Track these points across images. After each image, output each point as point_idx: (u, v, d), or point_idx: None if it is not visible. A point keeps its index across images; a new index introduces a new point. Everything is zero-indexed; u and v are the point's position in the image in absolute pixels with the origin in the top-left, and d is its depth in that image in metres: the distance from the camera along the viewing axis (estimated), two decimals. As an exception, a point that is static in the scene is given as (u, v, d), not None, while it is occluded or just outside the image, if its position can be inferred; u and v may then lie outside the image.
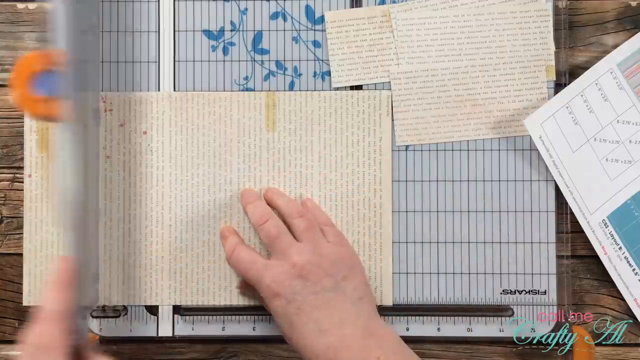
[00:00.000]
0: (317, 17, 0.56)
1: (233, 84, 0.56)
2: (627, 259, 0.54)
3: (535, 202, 0.56)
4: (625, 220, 0.54)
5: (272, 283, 0.50)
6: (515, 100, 0.56)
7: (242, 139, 0.56)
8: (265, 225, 0.52)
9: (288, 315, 0.49)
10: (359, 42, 0.56)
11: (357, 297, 0.51)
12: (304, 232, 0.52)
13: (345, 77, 0.56)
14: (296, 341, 0.49)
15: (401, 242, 0.56)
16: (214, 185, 0.56)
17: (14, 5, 0.57)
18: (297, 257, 0.50)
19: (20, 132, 0.56)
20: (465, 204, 0.56)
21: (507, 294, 0.55)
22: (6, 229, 0.57)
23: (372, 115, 0.56)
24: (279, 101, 0.56)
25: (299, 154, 0.56)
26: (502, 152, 0.56)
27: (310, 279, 0.50)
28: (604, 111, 0.54)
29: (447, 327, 0.56)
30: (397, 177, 0.56)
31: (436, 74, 0.56)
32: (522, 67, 0.56)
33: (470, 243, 0.56)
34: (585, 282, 0.56)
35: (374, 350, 0.47)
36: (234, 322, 0.56)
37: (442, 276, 0.56)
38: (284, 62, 0.56)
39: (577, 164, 0.55)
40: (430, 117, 0.56)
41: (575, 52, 0.57)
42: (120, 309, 0.55)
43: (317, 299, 0.49)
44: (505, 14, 0.56)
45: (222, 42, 0.56)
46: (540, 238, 0.56)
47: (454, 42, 0.56)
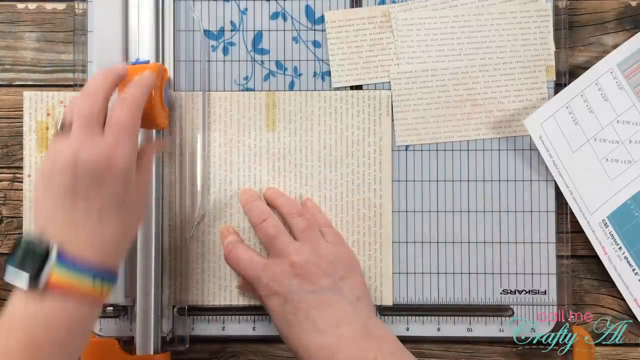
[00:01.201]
0: (317, 17, 0.56)
1: (233, 84, 0.56)
2: (627, 259, 0.54)
3: (535, 202, 0.56)
4: (625, 220, 0.54)
5: (270, 282, 0.50)
6: (515, 100, 0.56)
7: (242, 139, 0.56)
8: (263, 224, 0.52)
9: (285, 314, 0.49)
10: (359, 42, 0.56)
11: (355, 297, 0.51)
12: (303, 232, 0.52)
13: (345, 77, 0.56)
14: (293, 340, 0.49)
15: (401, 242, 0.56)
16: (214, 185, 0.56)
17: (14, 5, 0.57)
18: (295, 257, 0.50)
19: (20, 132, 0.56)
20: (465, 204, 0.56)
21: (507, 294, 0.55)
22: (6, 229, 0.57)
23: (372, 115, 0.56)
24: (279, 101, 0.56)
25: (299, 154, 0.56)
26: (502, 152, 0.56)
27: (308, 278, 0.50)
28: (604, 111, 0.54)
29: (447, 327, 0.56)
30: (397, 177, 0.56)
31: (436, 74, 0.56)
32: (522, 67, 0.56)
33: (470, 243, 0.56)
34: (585, 282, 0.56)
35: (371, 351, 0.47)
36: (234, 322, 0.56)
37: (442, 276, 0.56)
38: (284, 62, 0.56)
39: (577, 164, 0.55)
40: (430, 117, 0.56)
41: (575, 52, 0.57)
42: (120, 309, 0.55)
43: (315, 298, 0.49)
44: (505, 14, 0.56)
45: (222, 42, 0.56)
46: (540, 238, 0.56)
47: (454, 42, 0.56)
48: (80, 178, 0.42)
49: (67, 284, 0.41)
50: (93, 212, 0.43)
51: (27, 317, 0.41)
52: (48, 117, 0.55)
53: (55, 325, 0.41)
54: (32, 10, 0.57)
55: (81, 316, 0.43)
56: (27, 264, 0.41)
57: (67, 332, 0.42)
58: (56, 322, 0.41)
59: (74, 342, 0.43)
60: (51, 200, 0.43)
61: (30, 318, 0.41)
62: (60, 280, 0.41)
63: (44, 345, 0.41)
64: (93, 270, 0.43)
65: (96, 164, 0.42)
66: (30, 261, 0.41)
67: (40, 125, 0.56)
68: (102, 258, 0.43)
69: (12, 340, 0.40)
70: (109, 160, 0.43)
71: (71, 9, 0.57)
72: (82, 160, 0.42)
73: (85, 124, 0.43)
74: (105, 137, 0.44)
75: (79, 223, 0.43)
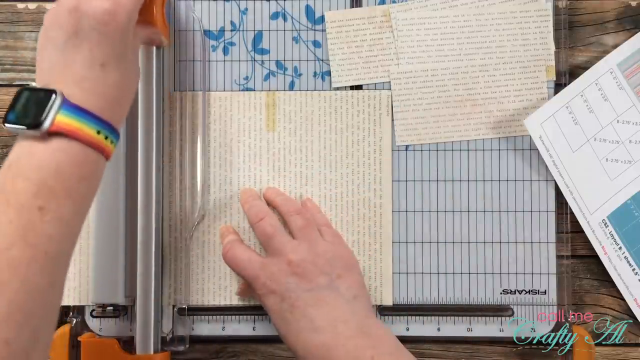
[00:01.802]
0: (317, 17, 0.56)
1: (233, 84, 0.56)
2: (627, 259, 0.54)
3: (535, 202, 0.56)
4: (625, 220, 0.54)
5: (268, 281, 0.50)
6: (515, 100, 0.56)
7: (242, 139, 0.56)
8: (261, 223, 0.52)
9: (282, 312, 0.49)
10: (359, 42, 0.56)
11: (352, 295, 0.51)
12: (301, 230, 0.52)
13: (345, 77, 0.56)
14: (290, 339, 0.49)
15: (401, 242, 0.56)
16: (214, 185, 0.56)
17: (14, 5, 0.57)
18: (292, 255, 0.50)
19: (20, 132, 0.56)
20: (465, 204, 0.56)
21: (507, 294, 0.55)
22: (6, 229, 0.57)
23: (372, 115, 0.56)
24: (279, 101, 0.56)
25: (299, 154, 0.56)
26: (502, 152, 0.56)
27: (305, 276, 0.50)
28: (604, 111, 0.54)
29: (447, 327, 0.56)
30: (397, 177, 0.56)
31: (436, 74, 0.56)
32: (522, 67, 0.56)
33: (470, 243, 0.56)
34: (585, 282, 0.56)
35: (368, 350, 0.47)
36: (234, 322, 0.56)
37: (442, 276, 0.56)
38: (284, 62, 0.56)
39: (577, 164, 0.55)
40: (430, 117, 0.56)
41: (575, 52, 0.57)
42: (120, 309, 0.55)
43: (312, 296, 0.49)
44: (505, 14, 0.56)
45: (222, 42, 0.56)
46: (540, 238, 0.56)
47: (454, 42, 0.56)
48: (84, 29, 0.42)
49: (73, 126, 0.40)
50: (96, 63, 0.42)
51: (34, 161, 0.40)
52: (48, 117, 0.55)
53: (64, 170, 0.40)
54: (32, 10, 0.57)
55: (89, 164, 0.41)
56: (30, 110, 0.40)
57: (77, 180, 0.40)
58: (65, 168, 0.40)
59: (83, 192, 0.41)
60: (54, 51, 0.42)
61: (38, 162, 0.39)
62: (66, 122, 0.40)
63: (55, 190, 0.39)
64: (97, 120, 0.41)
65: (101, 15, 0.42)
66: (34, 107, 0.40)
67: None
68: (106, 110, 0.42)
69: (20, 183, 0.39)
70: (113, 12, 0.42)
71: (71, 9, 0.57)
72: (86, 11, 0.42)
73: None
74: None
75: (83, 73, 0.42)
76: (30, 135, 0.40)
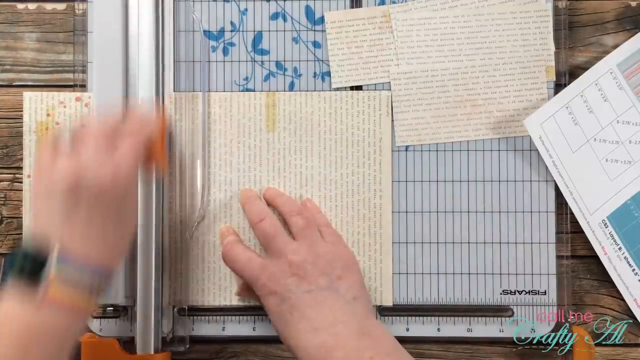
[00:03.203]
0: (317, 17, 0.56)
1: (233, 84, 0.56)
2: (627, 259, 0.54)
3: (535, 202, 0.56)
4: (625, 220, 0.54)
5: (268, 282, 0.50)
6: (515, 101, 0.56)
7: (242, 139, 0.56)
8: (261, 223, 0.52)
9: (282, 313, 0.49)
10: (359, 43, 0.56)
11: (352, 296, 0.51)
12: (302, 230, 0.52)
13: (345, 77, 0.56)
14: (290, 339, 0.49)
15: (401, 242, 0.56)
16: (214, 185, 0.56)
17: (14, 5, 0.57)
18: (292, 256, 0.50)
19: (19, 133, 0.56)
20: (465, 204, 0.56)
21: (507, 294, 0.56)
22: (6, 229, 0.57)
23: (372, 115, 0.56)
24: (279, 101, 0.56)
25: (299, 154, 0.56)
26: (502, 152, 0.56)
27: (305, 278, 0.50)
28: (604, 111, 0.54)
29: (447, 328, 0.56)
30: (397, 177, 0.56)
31: (436, 74, 0.56)
32: (522, 68, 0.56)
33: (470, 243, 0.56)
34: (585, 282, 0.56)
35: (367, 351, 0.47)
36: (234, 322, 0.56)
37: (442, 276, 0.56)
38: (284, 63, 0.56)
39: (577, 164, 0.55)
40: (430, 117, 0.56)
41: (575, 52, 0.57)
42: (120, 309, 0.55)
43: (311, 297, 0.49)
44: (505, 14, 0.56)
45: (222, 43, 0.56)
46: (540, 238, 0.56)
47: (454, 42, 0.56)
48: (82, 198, 0.44)
49: (65, 299, 0.43)
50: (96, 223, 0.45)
51: (21, 325, 0.42)
52: (48, 117, 0.55)
53: (49, 334, 0.42)
54: (32, 11, 0.57)
55: (73, 328, 0.44)
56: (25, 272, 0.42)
57: (59, 341, 0.43)
58: (50, 332, 0.42)
59: (62, 351, 0.44)
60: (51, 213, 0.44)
61: (24, 327, 0.42)
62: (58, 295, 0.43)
63: (34, 352, 0.41)
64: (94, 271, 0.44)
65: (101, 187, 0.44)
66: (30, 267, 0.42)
67: (40, 126, 0.55)
68: (103, 260, 0.45)
69: (2, 346, 0.41)
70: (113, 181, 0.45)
71: (71, 9, 0.57)
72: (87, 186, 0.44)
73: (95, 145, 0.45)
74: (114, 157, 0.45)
75: (81, 230, 0.44)
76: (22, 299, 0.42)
